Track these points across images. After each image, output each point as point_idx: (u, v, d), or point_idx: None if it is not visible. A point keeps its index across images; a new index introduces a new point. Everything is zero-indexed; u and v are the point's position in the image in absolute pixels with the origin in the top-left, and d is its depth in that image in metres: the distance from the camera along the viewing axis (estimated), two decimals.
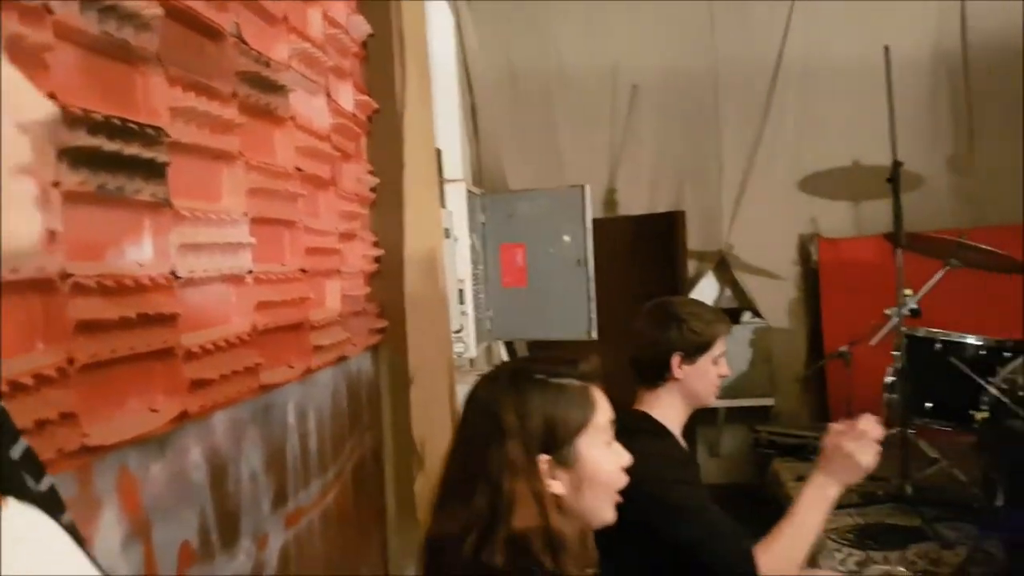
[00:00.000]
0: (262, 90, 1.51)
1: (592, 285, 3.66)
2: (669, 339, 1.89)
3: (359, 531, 2.11)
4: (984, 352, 3.24)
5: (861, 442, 1.73)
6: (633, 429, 1.58)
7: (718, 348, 1.93)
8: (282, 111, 1.60)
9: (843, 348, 3.63)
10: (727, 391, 4.45)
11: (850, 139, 4.27)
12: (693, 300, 2.00)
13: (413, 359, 2.25)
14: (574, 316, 3.65)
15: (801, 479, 3.59)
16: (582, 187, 3.60)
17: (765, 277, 4.60)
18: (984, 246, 3.25)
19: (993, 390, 2.95)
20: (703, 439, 4.69)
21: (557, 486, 1.24)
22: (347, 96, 1.99)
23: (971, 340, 3.27)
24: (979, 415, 2.98)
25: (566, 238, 3.68)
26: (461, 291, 3.28)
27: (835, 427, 1.79)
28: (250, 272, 1.42)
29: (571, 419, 1.26)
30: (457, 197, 3.30)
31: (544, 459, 1.24)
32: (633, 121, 4.61)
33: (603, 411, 1.30)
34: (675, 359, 1.89)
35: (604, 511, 1.29)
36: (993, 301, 3.77)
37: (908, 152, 3.44)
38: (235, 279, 1.38)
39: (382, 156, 2.24)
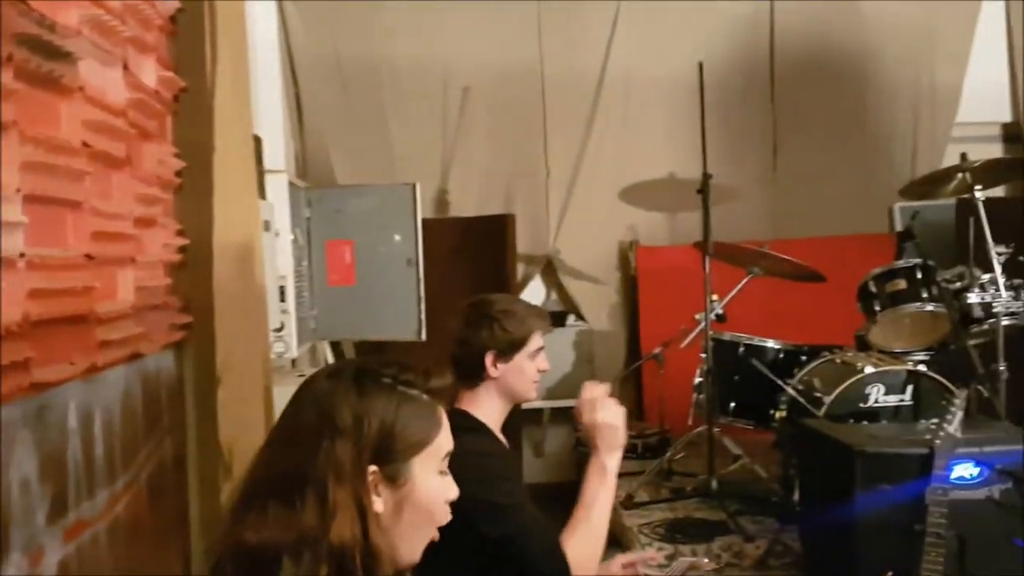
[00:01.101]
0: (44, 56, 1.35)
1: (422, 286, 3.62)
2: (482, 338, 1.90)
3: (157, 544, 1.94)
4: (783, 355, 3.48)
5: (599, 408, 1.84)
6: (452, 428, 1.55)
7: (534, 344, 1.95)
8: (69, 80, 1.44)
9: (657, 350, 3.78)
10: (551, 392, 4.55)
11: (667, 152, 4.48)
12: (508, 298, 2.01)
13: (222, 358, 2.11)
14: (403, 317, 3.60)
15: (620, 476, 3.73)
16: (413, 185, 3.55)
17: (588, 282, 4.74)
18: (784, 256, 3.49)
19: (790, 390, 3.18)
20: (528, 439, 4.76)
21: (378, 503, 1.13)
22: (149, 71, 1.83)
23: (771, 344, 3.50)
24: (777, 414, 3.20)
25: (396, 237, 3.61)
26: (282, 288, 3.14)
27: (575, 411, 1.91)
28: (22, 255, 1.26)
29: (411, 434, 1.15)
30: (279, 189, 3.16)
31: (373, 470, 1.12)
32: (465, 122, 4.60)
33: (445, 437, 1.20)
34: (489, 357, 1.90)
35: (415, 546, 1.18)
36: (792, 308, 4.08)
37: (718, 166, 3.64)
38: (4, 262, 1.22)
39: (190, 139, 2.08)
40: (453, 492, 1.22)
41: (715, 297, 3.42)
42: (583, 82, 4.64)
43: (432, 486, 1.18)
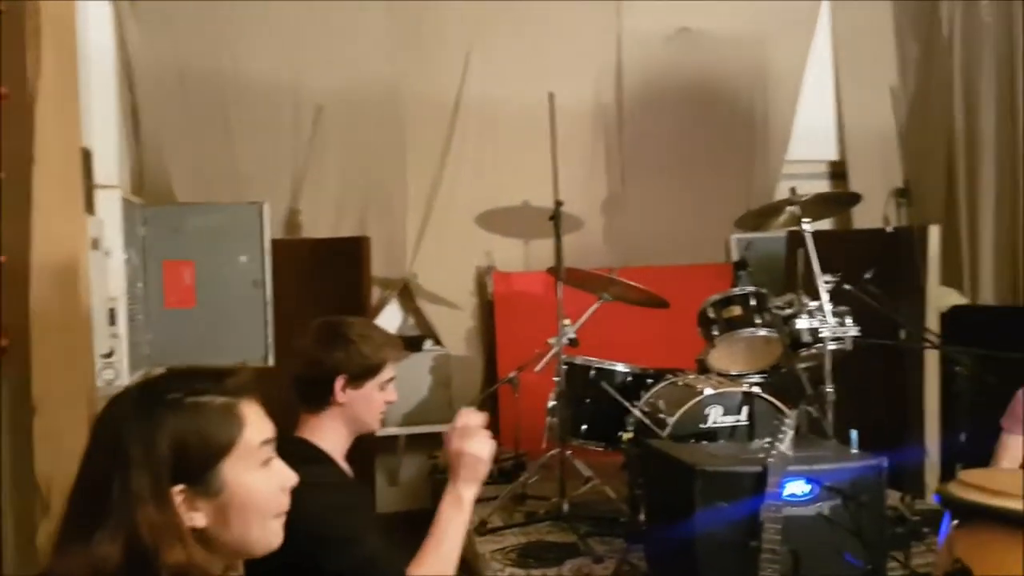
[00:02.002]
0: None
1: (270, 309, 3.49)
2: (335, 360, 1.81)
3: None
4: (631, 378, 3.56)
5: (470, 437, 1.77)
6: (291, 457, 1.48)
7: (387, 373, 1.88)
8: None
9: (511, 375, 3.80)
10: (408, 418, 4.49)
11: (521, 180, 4.53)
12: (364, 322, 1.93)
13: (39, 385, 1.95)
14: (249, 341, 3.46)
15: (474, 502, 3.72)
16: (260, 204, 3.43)
17: (445, 306, 4.72)
18: (631, 283, 3.60)
19: (637, 412, 3.26)
20: (383, 468, 4.66)
21: (199, 518, 1.10)
22: None
23: (620, 368, 3.58)
24: (625, 436, 3.27)
25: (242, 257, 3.47)
26: (112, 311, 2.94)
27: (445, 438, 1.82)
28: None
29: (210, 442, 1.12)
30: (111, 205, 2.97)
31: (178, 490, 1.09)
32: (318, 141, 4.50)
33: (255, 428, 1.16)
34: (339, 382, 1.81)
35: (265, 537, 1.16)
36: (640, 332, 4.21)
37: (571, 195, 3.73)
38: None
39: (8, 150, 1.92)
40: (288, 477, 1.19)
41: (567, 322, 3.47)
42: (439, 107, 4.66)
43: (255, 483, 1.15)
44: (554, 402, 3.50)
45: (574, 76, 4.71)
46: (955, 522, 1.85)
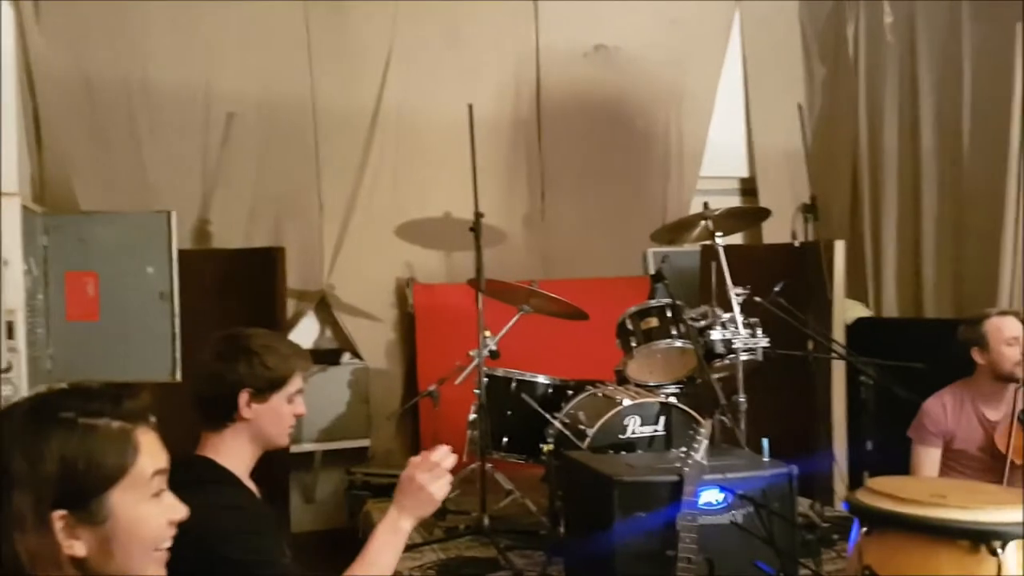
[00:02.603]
0: None
1: (178, 322, 3.37)
2: (238, 374, 1.74)
3: None
4: (551, 390, 3.57)
5: (434, 473, 1.72)
6: (193, 478, 1.41)
7: (294, 385, 1.82)
8: None
9: (432, 387, 3.76)
10: (324, 433, 4.39)
11: (442, 191, 4.52)
12: (268, 333, 1.86)
13: None
14: (156, 355, 3.33)
15: None
16: (168, 213, 3.31)
17: (364, 319, 4.65)
18: (552, 294, 3.62)
19: (557, 424, 3.27)
20: (297, 485, 4.54)
21: (79, 546, 1.05)
22: None
23: (541, 379, 3.59)
24: (546, 447, 3.27)
25: (149, 269, 3.35)
26: (10, 324, 2.79)
27: (412, 460, 1.78)
28: None
29: (101, 467, 1.06)
30: (10, 214, 2.83)
31: (59, 515, 1.04)
32: (229, 150, 4.38)
33: (149, 458, 1.11)
34: (244, 396, 1.74)
35: (144, 571, 1.11)
36: (560, 344, 4.23)
37: (492, 208, 3.73)
38: None
39: None
40: (177, 511, 1.15)
41: (488, 334, 3.46)
42: (357, 116, 4.60)
43: (143, 515, 1.10)
44: (475, 415, 3.48)
45: (494, 90, 4.73)
46: (864, 530, 1.90)
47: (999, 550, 1.72)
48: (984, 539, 1.74)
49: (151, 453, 1.12)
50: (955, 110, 4.45)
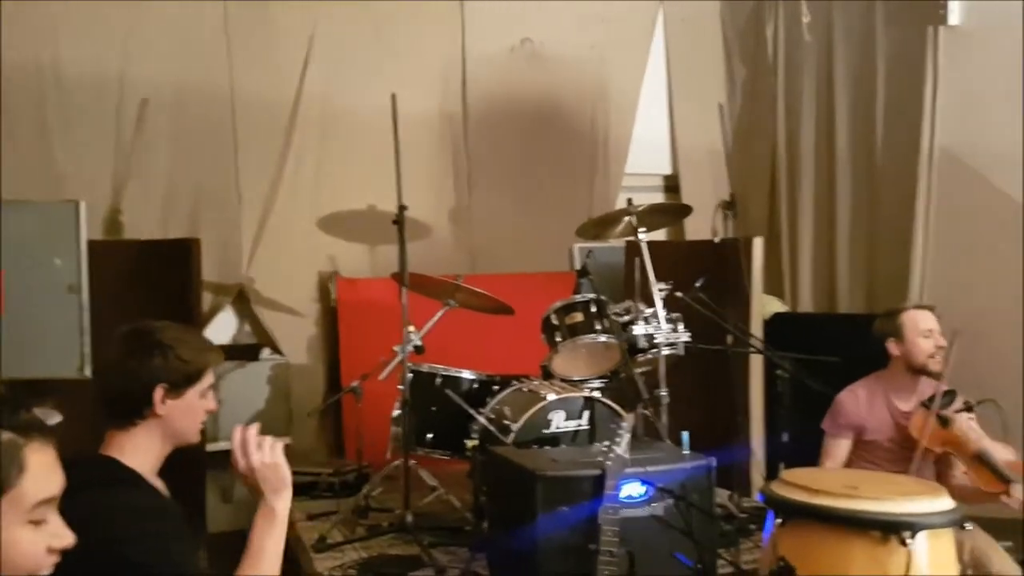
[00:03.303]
0: None
1: (87, 316, 3.23)
2: (152, 368, 1.67)
3: None
4: (477, 385, 3.56)
5: (252, 450, 1.70)
6: (96, 479, 1.34)
7: (207, 380, 1.77)
8: None
9: (355, 383, 3.70)
10: None
11: (366, 184, 4.44)
12: (178, 326, 1.79)
13: None
14: (63, 351, 3.19)
15: (313, 517, 3.59)
16: (76, 203, 3.16)
17: (285, 313, 4.54)
18: (477, 289, 3.60)
19: (482, 419, 3.26)
20: (214, 485, 4.40)
21: None
22: None
23: (466, 375, 3.57)
24: (470, 443, 3.25)
25: (56, 261, 3.20)
26: None
27: (232, 461, 1.74)
28: None
29: None
30: None
31: None
32: (143, 138, 4.22)
33: (34, 483, 1.03)
34: (159, 391, 1.67)
35: None
36: (487, 339, 4.22)
37: (417, 201, 3.68)
38: None
39: None
40: (62, 540, 1.07)
41: (412, 328, 3.42)
42: (277, 106, 4.49)
43: (15, 539, 1.02)
44: (399, 411, 3.44)
45: (419, 82, 4.67)
46: (779, 521, 1.94)
47: (909, 540, 1.77)
48: (894, 529, 1.79)
49: (39, 477, 1.03)
50: (869, 111, 4.60)
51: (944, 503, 1.88)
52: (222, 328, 4.52)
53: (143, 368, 1.67)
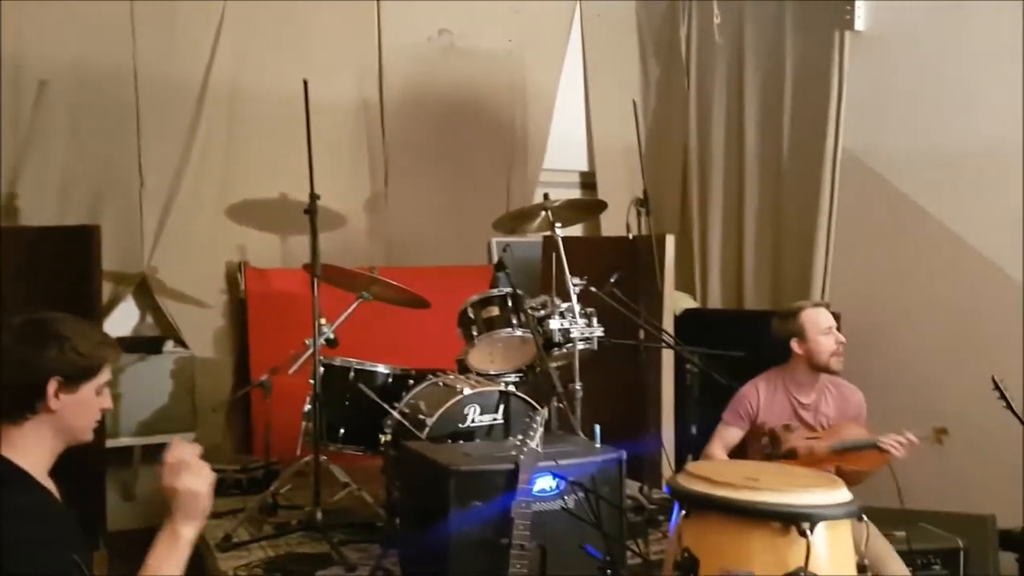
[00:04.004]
0: None
1: None
2: (47, 360, 1.60)
3: None
4: (392, 380, 3.51)
5: (184, 472, 1.62)
6: None
7: (104, 376, 1.69)
8: None
9: (263, 377, 3.61)
10: (144, 427, 4.12)
11: (278, 172, 4.33)
12: (74, 318, 1.70)
13: None
14: None
15: (219, 515, 3.48)
16: None
17: (191, 304, 4.39)
18: (392, 281, 3.55)
19: (396, 414, 3.21)
20: (115, 482, 4.23)
21: None
22: None
23: (381, 369, 3.52)
24: (384, 438, 3.21)
25: None
26: None
27: (161, 469, 1.66)
28: None
29: None
30: None
31: None
32: (40, 120, 4.01)
33: None
34: (53, 385, 1.60)
35: None
36: (404, 333, 4.17)
37: (331, 191, 3.60)
38: None
39: None
40: None
41: (324, 321, 3.35)
42: (184, 88, 4.33)
43: None
44: (310, 406, 3.36)
45: (335, 68, 4.58)
46: (683, 512, 1.97)
47: (808, 532, 1.82)
48: (794, 520, 1.84)
49: None
50: (777, 113, 4.74)
51: (842, 495, 1.95)
52: (123, 319, 4.34)
53: (37, 360, 1.60)
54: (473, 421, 3.17)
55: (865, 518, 1.93)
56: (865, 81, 4.33)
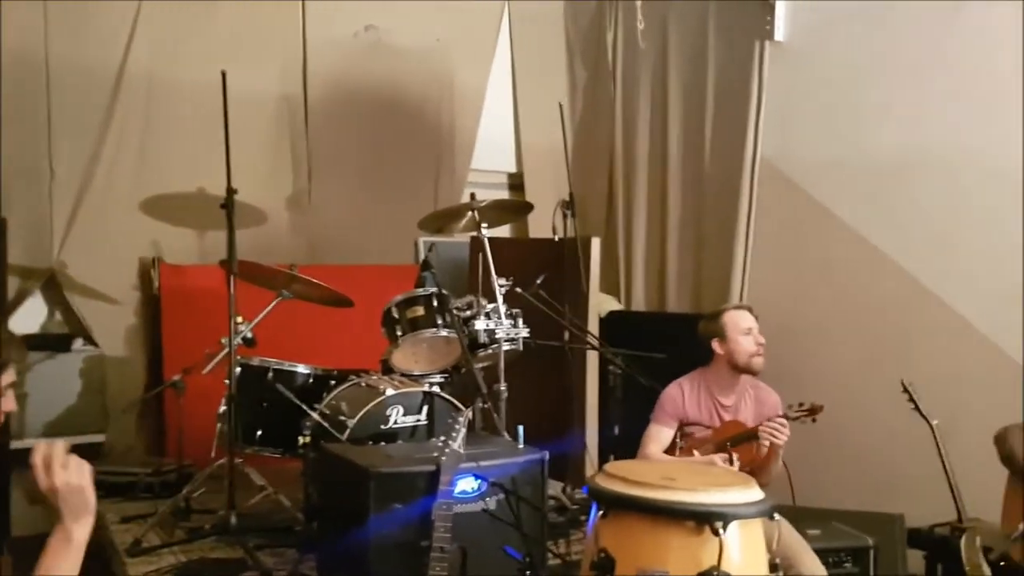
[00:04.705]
0: None
1: None
2: None
3: None
4: (312, 380, 3.44)
5: (56, 468, 1.55)
6: None
7: (8, 376, 1.63)
8: None
9: (176, 377, 3.50)
10: (51, 427, 3.97)
11: (196, 165, 4.18)
12: None
13: None
14: None
15: (128, 520, 3.35)
16: None
17: (102, 301, 4.23)
18: (313, 279, 3.48)
19: (315, 416, 3.15)
20: (20, 485, 4.02)
21: None
22: None
23: (301, 369, 3.45)
24: (302, 440, 3.14)
25: None
26: None
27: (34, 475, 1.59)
28: None
29: None
30: None
31: None
32: None
33: None
34: None
35: None
36: (327, 332, 4.09)
37: (252, 186, 3.50)
38: None
39: None
40: None
41: (240, 320, 3.26)
42: (98, 76, 4.17)
43: None
44: (225, 407, 3.27)
45: (257, 60, 4.46)
46: (601, 512, 1.97)
47: (721, 530, 1.85)
48: (707, 520, 1.86)
49: None
50: (699, 120, 4.82)
51: (754, 494, 1.98)
52: (30, 316, 4.16)
53: None
54: (396, 422, 3.13)
55: (777, 517, 1.97)
56: (784, 91, 4.45)
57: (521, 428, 2.86)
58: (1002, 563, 2.94)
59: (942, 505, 3.10)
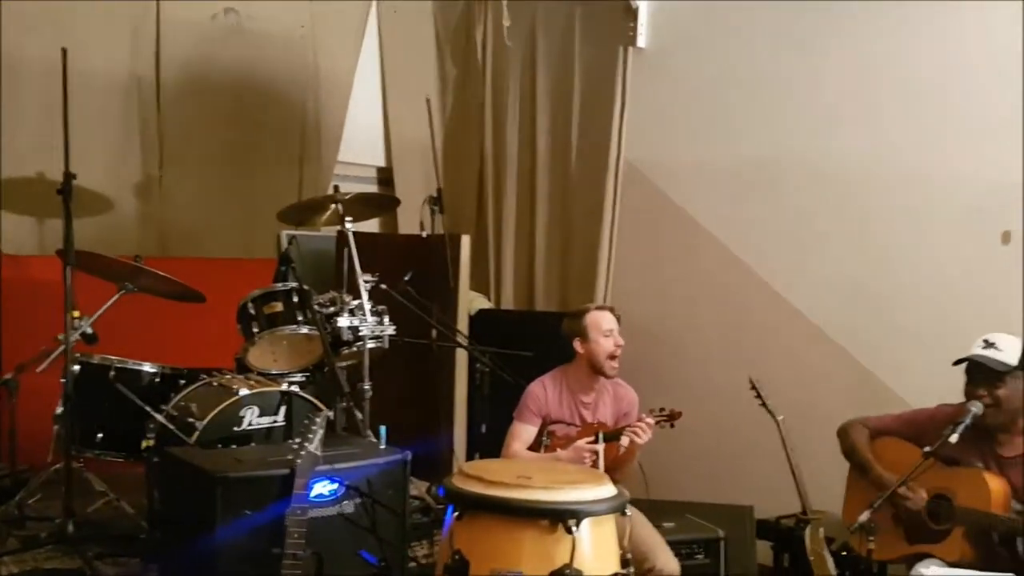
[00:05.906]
0: None
1: None
2: None
3: None
4: (159, 379, 3.27)
5: None
6: None
7: None
8: None
9: (8, 376, 3.24)
10: None
11: (36, 149, 3.85)
12: None
13: None
14: None
15: None
16: None
17: None
18: (160, 273, 3.28)
19: (160, 418, 2.97)
20: None
21: None
22: None
23: (147, 368, 3.26)
24: (146, 443, 2.96)
25: None
26: None
27: None
28: None
29: None
30: None
31: None
32: None
33: None
34: None
35: None
36: (178, 329, 3.87)
37: (96, 172, 3.27)
38: None
39: None
40: None
41: (77, 314, 3.04)
42: None
43: None
44: (62, 408, 3.04)
45: (103, 38, 4.16)
46: (457, 513, 1.95)
47: (574, 528, 1.86)
48: (561, 518, 1.87)
49: None
50: (566, 121, 4.89)
51: (607, 490, 2.00)
52: None
53: None
54: (250, 424, 3.01)
55: (629, 512, 2.00)
56: (647, 96, 4.57)
57: (384, 428, 2.80)
58: (844, 553, 3.13)
59: (790, 497, 3.26)
